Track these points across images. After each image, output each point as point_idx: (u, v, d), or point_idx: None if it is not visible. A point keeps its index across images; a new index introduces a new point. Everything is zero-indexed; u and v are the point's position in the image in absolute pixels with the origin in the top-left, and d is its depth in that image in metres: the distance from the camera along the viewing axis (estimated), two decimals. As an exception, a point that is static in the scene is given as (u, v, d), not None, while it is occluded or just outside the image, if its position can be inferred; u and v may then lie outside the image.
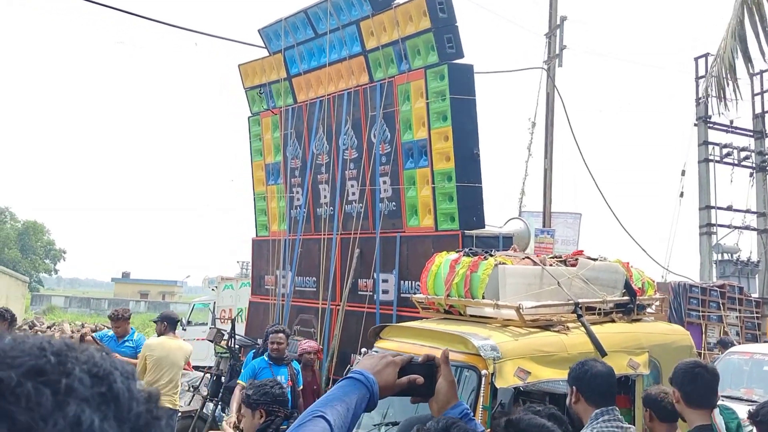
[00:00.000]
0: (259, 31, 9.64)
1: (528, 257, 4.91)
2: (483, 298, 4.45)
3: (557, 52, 13.51)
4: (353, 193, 8.39)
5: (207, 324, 14.55)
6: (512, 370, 3.81)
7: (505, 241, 7.39)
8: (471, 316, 4.64)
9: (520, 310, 4.21)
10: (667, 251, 17.68)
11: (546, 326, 4.34)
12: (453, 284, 4.62)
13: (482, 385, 3.74)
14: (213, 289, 16.66)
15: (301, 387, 6.48)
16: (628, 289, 5.03)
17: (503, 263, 4.56)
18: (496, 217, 9.67)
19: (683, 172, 18.69)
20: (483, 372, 3.76)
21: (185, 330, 15.66)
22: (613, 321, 4.83)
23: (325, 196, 8.86)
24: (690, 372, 3.14)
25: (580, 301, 4.57)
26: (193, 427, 7.55)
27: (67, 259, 56.32)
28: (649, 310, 5.39)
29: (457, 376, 3.84)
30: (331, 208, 8.74)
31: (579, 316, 4.50)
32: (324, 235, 8.69)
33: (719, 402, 3.40)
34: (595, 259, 5.13)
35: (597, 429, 3.07)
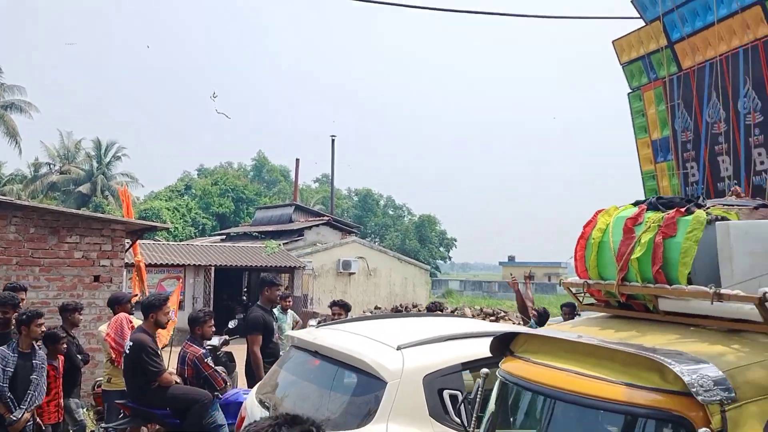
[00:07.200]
0: (632, 1, 9.19)
1: (765, 205, 2.95)
2: (689, 282, 2.61)
3: None
4: (761, 162, 7.42)
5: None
6: (760, 423, 2.08)
7: None
8: (666, 313, 2.78)
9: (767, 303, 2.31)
10: None
11: None
12: (632, 260, 2.81)
13: None
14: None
15: None
16: None
17: (724, 218, 2.69)
18: None
19: None
20: (701, 430, 2.01)
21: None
22: None
23: (726, 169, 8.01)
24: None
25: None
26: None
27: (457, 246, 61.67)
28: None
29: None
30: (735, 181, 7.87)
31: None
32: (728, 211, 7.88)
33: None
34: None
35: None
